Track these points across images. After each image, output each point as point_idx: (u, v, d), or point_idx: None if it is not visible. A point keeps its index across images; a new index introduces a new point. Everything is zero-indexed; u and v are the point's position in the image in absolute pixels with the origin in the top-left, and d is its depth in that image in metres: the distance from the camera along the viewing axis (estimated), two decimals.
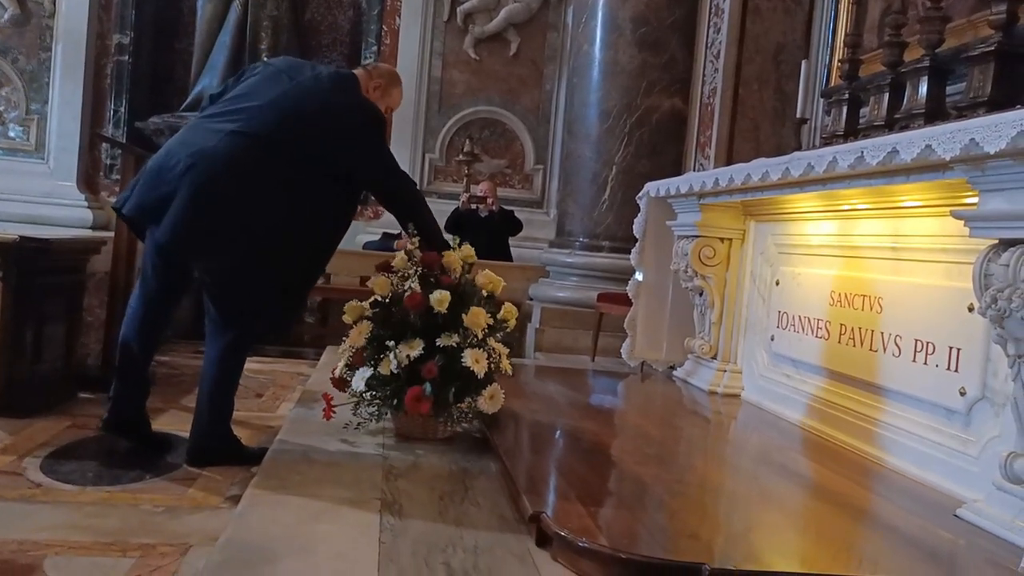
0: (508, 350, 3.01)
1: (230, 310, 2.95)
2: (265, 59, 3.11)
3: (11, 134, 8.35)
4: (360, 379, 2.85)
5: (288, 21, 8.37)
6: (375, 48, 8.62)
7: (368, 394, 2.87)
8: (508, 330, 3.02)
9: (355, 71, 3.18)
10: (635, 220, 4.68)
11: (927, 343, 2.68)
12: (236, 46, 8.16)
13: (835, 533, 2.23)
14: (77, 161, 8.21)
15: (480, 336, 2.85)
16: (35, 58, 8.28)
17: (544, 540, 1.96)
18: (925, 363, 2.68)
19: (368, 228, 8.46)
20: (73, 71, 8.17)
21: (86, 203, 8.08)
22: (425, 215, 3.07)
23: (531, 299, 6.24)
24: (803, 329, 3.47)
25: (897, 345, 2.83)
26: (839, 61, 5.02)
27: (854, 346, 3.09)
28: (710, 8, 6.16)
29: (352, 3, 9.03)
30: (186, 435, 3.33)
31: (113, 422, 3.09)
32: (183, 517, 2.55)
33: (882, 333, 2.92)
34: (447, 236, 3.15)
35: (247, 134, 2.82)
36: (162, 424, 3.57)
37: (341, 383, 2.96)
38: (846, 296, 3.18)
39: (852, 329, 3.11)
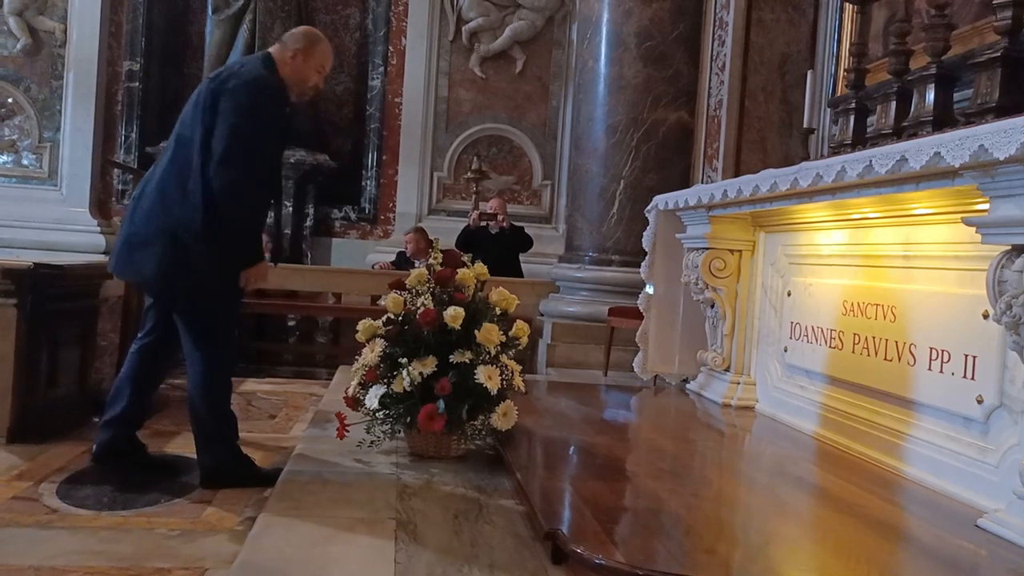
0: (520, 367, 3.01)
1: (191, 315, 2.97)
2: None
3: (24, 162, 8.45)
4: (373, 397, 2.85)
5: None
6: (382, 69, 8.68)
7: (381, 412, 2.87)
8: (520, 347, 3.02)
9: (270, 48, 3.14)
10: (644, 233, 4.68)
11: (942, 351, 2.66)
12: None
13: (854, 545, 2.21)
14: (89, 187, 8.30)
15: (493, 353, 2.85)
16: (47, 86, 8.39)
17: (560, 558, 1.95)
18: (941, 371, 2.66)
19: (378, 247, 8.50)
20: (84, 98, 8.27)
21: (98, 229, 8.15)
22: (239, 211, 2.92)
23: (542, 315, 6.23)
24: (816, 339, 3.46)
25: (912, 354, 2.81)
26: (845, 71, 5.02)
27: (868, 356, 3.07)
28: (714, 21, 6.19)
29: (359, 25, 9.11)
30: (195, 456, 3.34)
31: (103, 452, 3.10)
32: (198, 540, 2.55)
33: (896, 342, 2.91)
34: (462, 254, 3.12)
35: (170, 152, 2.97)
36: (175, 447, 3.58)
37: (354, 402, 2.96)
38: (859, 305, 3.16)
39: (866, 339, 3.10)
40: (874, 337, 3.04)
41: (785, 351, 3.73)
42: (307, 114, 8.56)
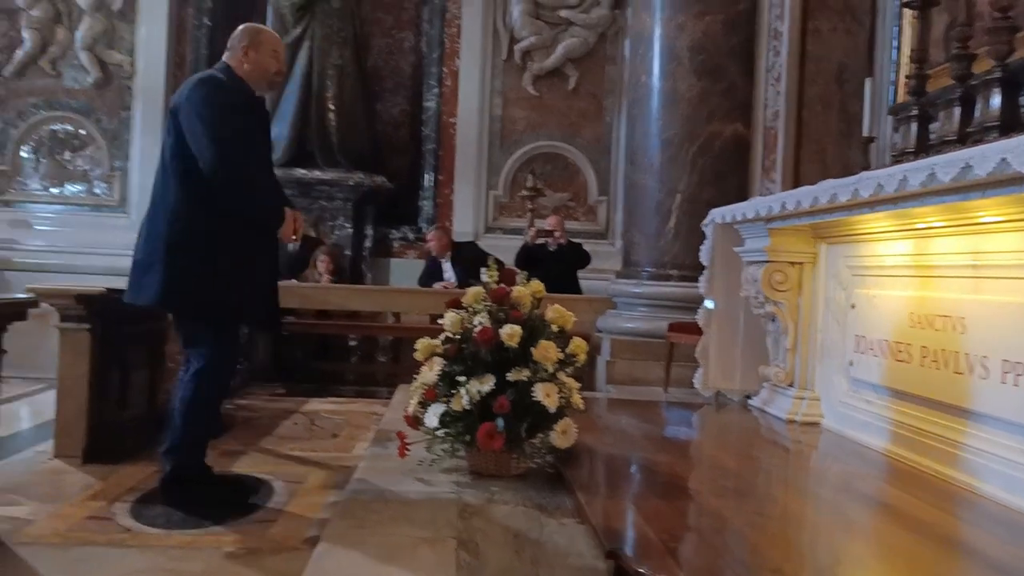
0: (579, 384, 3.00)
1: (187, 316, 3.04)
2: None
3: (96, 190, 8.76)
4: (433, 416, 2.87)
5: (352, 68, 8.61)
6: (436, 90, 8.79)
7: (441, 431, 2.89)
8: (578, 364, 3.01)
9: (223, 58, 3.21)
10: (702, 247, 4.63)
11: (1015, 363, 2.57)
12: (303, 94, 8.42)
13: (925, 564, 2.14)
14: None
15: (551, 370, 2.85)
16: (116, 117, 8.70)
17: None
18: (1015, 384, 2.57)
19: None
20: (151, 127, 8.54)
21: None
22: (247, 190, 3.00)
23: (599, 331, 6.21)
24: (882, 353, 3.37)
25: (984, 366, 2.72)
26: (905, 77, 4.91)
27: (937, 369, 2.98)
28: (769, 32, 6.13)
29: (413, 48, 9.25)
30: (265, 477, 3.41)
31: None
32: (264, 559, 2.59)
33: (967, 354, 2.82)
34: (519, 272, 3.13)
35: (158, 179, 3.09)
36: (241, 466, 3.65)
37: (414, 421, 2.99)
38: (926, 317, 3.08)
39: (934, 351, 3.01)
40: (943, 349, 2.96)
41: (850, 365, 3.64)
42: (364, 136, 8.72)
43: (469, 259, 6.88)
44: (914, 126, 4.14)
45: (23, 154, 8.72)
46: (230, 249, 2.99)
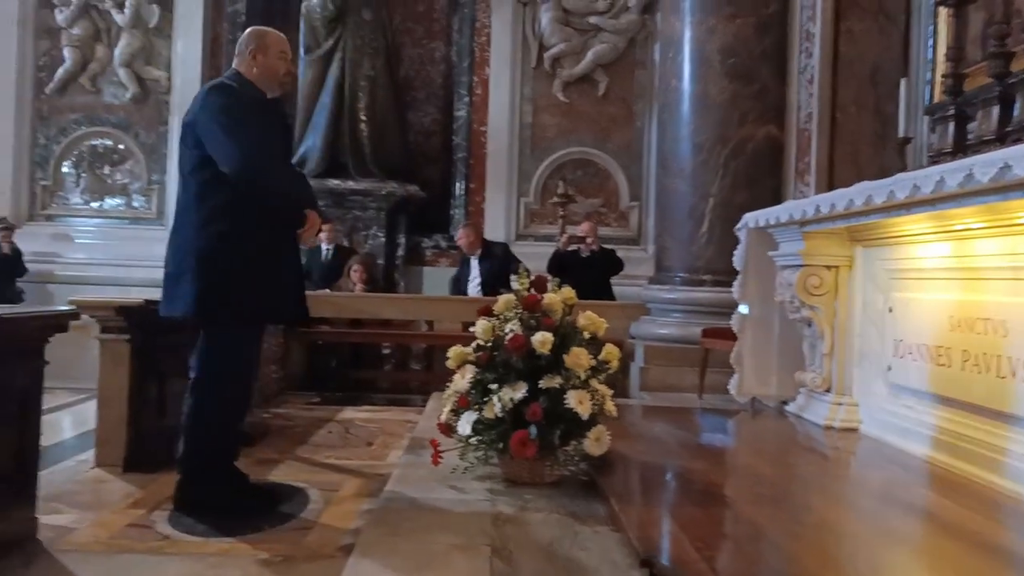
0: (612, 391, 2.98)
1: (221, 321, 3.05)
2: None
3: (135, 204, 8.93)
4: (466, 423, 2.87)
5: (384, 79, 8.68)
6: (467, 99, 8.83)
7: (474, 439, 2.89)
8: (611, 371, 3.00)
9: (234, 65, 3.25)
10: (735, 252, 4.59)
11: None
12: (336, 106, 8.51)
13: (969, 574, 2.09)
14: None
15: (583, 377, 2.84)
16: (154, 131, 8.86)
17: None
18: None
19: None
20: None
21: None
22: (270, 189, 3.02)
23: (633, 338, 6.17)
24: (922, 357, 3.31)
25: None
26: (941, 76, 4.83)
27: (979, 373, 2.92)
28: (800, 34, 6.06)
29: (443, 57, 9.31)
30: (301, 485, 3.43)
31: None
32: (300, 567, 2.61)
33: (1009, 358, 2.76)
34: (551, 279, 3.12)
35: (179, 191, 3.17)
36: (277, 475, 3.69)
37: (447, 428, 2.99)
38: (966, 321, 3.02)
39: (976, 355, 2.95)
40: (984, 353, 2.90)
41: (889, 370, 3.58)
42: (397, 146, 8.78)
43: (498, 258, 6.92)
44: (951, 126, 4.07)
45: (64, 169, 8.92)
46: (256, 252, 3.02)
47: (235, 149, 2.93)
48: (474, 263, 7.15)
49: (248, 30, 3.30)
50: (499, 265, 6.86)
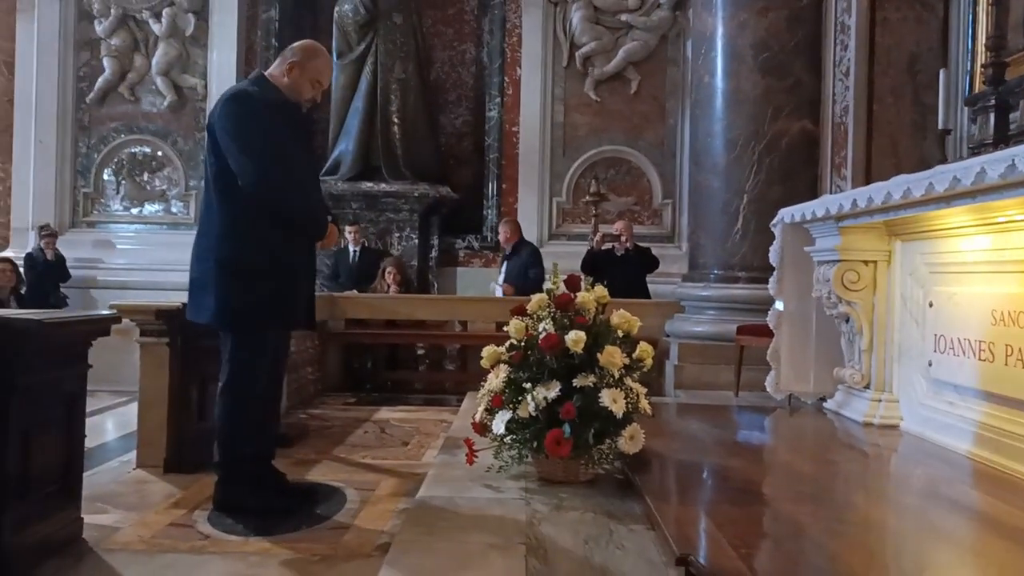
0: (646, 389, 2.97)
1: (241, 331, 3.08)
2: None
3: (173, 210, 9.09)
4: (500, 423, 2.87)
5: (415, 82, 8.73)
6: (498, 100, 8.84)
7: (508, 438, 2.89)
8: (645, 369, 2.98)
9: (273, 65, 3.27)
10: (771, 248, 4.54)
11: None
12: (368, 109, 8.57)
13: (1018, 572, 2.05)
14: None
15: (617, 376, 2.83)
16: (191, 138, 9.00)
17: None
18: None
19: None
20: None
21: None
22: (288, 204, 3.03)
23: (667, 335, 6.14)
24: (964, 352, 3.25)
25: None
26: (981, 66, 4.75)
27: (1023, 368, 2.86)
28: (835, 26, 5.98)
29: (474, 59, 9.33)
30: (338, 485, 3.45)
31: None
32: (338, 566, 2.63)
33: None
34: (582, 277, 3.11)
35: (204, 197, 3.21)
36: (315, 475, 3.72)
37: (482, 428, 3.00)
38: (1010, 314, 2.96)
39: (1020, 350, 2.89)
40: None
41: (930, 365, 3.52)
42: (429, 148, 8.82)
43: (521, 258, 6.98)
44: (992, 116, 3.99)
45: (105, 177, 9.11)
46: (276, 261, 3.05)
47: (251, 167, 2.96)
48: (506, 261, 7.20)
49: (304, 41, 3.35)
50: (520, 265, 6.90)
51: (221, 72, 8.84)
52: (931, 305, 3.54)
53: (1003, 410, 2.99)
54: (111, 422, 5.07)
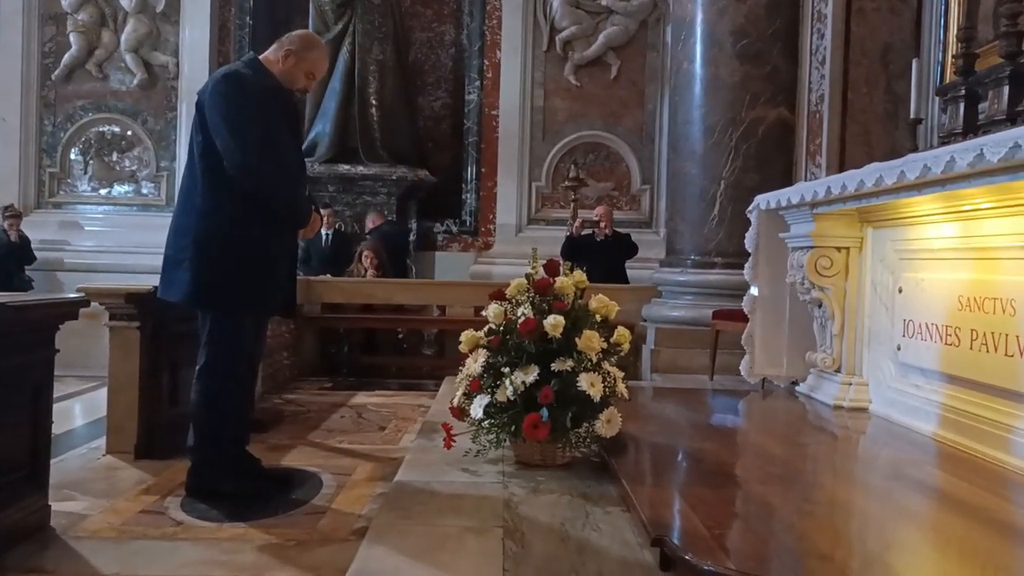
0: (623, 373, 3.00)
1: (214, 312, 3.07)
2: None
3: (143, 191, 8.97)
4: (478, 407, 2.89)
5: (393, 64, 8.68)
6: (478, 83, 8.82)
7: (486, 422, 2.91)
8: (622, 354, 3.01)
9: (268, 50, 3.24)
10: (746, 234, 4.58)
11: None
12: (346, 91, 8.51)
13: (979, 550, 2.11)
14: None
15: (595, 360, 2.85)
16: (163, 118, 8.88)
17: (668, 564, 1.94)
18: None
19: (479, 259, 8.61)
20: None
21: None
22: (273, 193, 3.03)
23: (644, 320, 6.18)
24: (931, 337, 3.31)
25: None
26: (952, 57, 4.80)
27: (987, 352, 2.92)
28: (812, 15, 6.02)
29: (454, 41, 9.29)
30: (314, 470, 3.46)
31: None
32: (314, 550, 2.64)
33: (1018, 337, 2.76)
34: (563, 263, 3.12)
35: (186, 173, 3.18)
36: (290, 460, 3.72)
37: (460, 412, 3.01)
38: (975, 300, 3.02)
39: (984, 334, 2.95)
40: (993, 332, 2.89)
41: (898, 349, 3.59)
42: (407, 131, 8.78)
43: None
44: (962, 106, 4.05)
45: (72, 156, 8.95)
46: (256, 244, 3.03)
47: (238, 151, 2.95)
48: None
49: (303, 31, 3.36)
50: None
51: (193, 50, 8.73)
52: (900, 291, 3.60)
53: (967, 393, 3.06)
54: (79, 408, 5.03)
